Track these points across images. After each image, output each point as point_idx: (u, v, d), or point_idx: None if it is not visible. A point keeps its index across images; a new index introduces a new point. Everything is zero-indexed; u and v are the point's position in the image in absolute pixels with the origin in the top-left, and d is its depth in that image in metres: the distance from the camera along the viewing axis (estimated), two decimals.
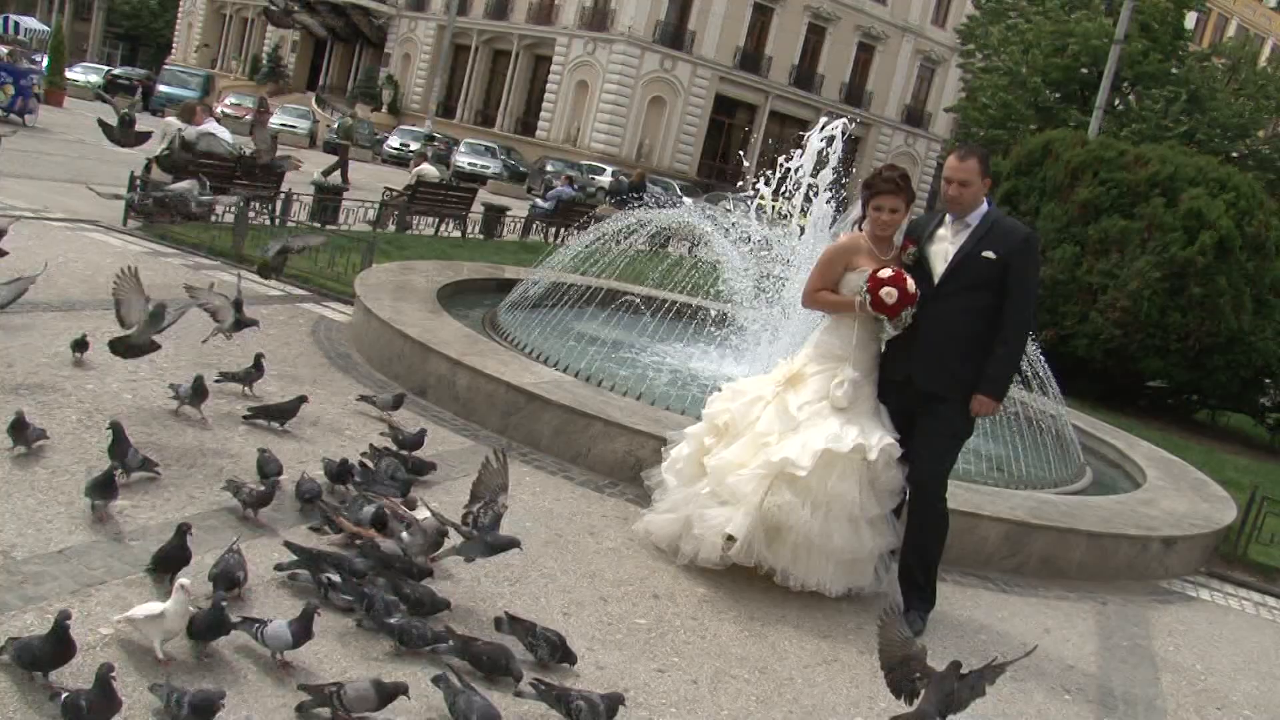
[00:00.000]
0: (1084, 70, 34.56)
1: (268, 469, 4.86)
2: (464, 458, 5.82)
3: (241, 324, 6.14)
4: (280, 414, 5.72)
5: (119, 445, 4.50)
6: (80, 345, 6.11)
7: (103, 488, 4.15)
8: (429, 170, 19.59)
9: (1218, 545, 7.42)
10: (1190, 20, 39.98)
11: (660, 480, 5.40)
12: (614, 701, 3.45)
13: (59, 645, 3.03)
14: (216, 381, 6.05)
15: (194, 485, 4.70)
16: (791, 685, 4.20)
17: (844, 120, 8.89)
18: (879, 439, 4.86)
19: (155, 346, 5.55)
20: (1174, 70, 35.02)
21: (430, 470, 5.53)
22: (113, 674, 2.85)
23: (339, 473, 5.04)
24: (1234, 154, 33.52)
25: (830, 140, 8.70)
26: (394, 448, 5.56)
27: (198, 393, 5.61)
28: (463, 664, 3.64)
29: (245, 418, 5.72)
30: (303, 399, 5.80)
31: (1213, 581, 7.12)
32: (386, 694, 3.23)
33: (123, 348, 5.50)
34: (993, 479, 7.35)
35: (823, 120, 8.94)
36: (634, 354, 9.03)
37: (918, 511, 5.05)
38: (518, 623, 3.89)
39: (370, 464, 5.29)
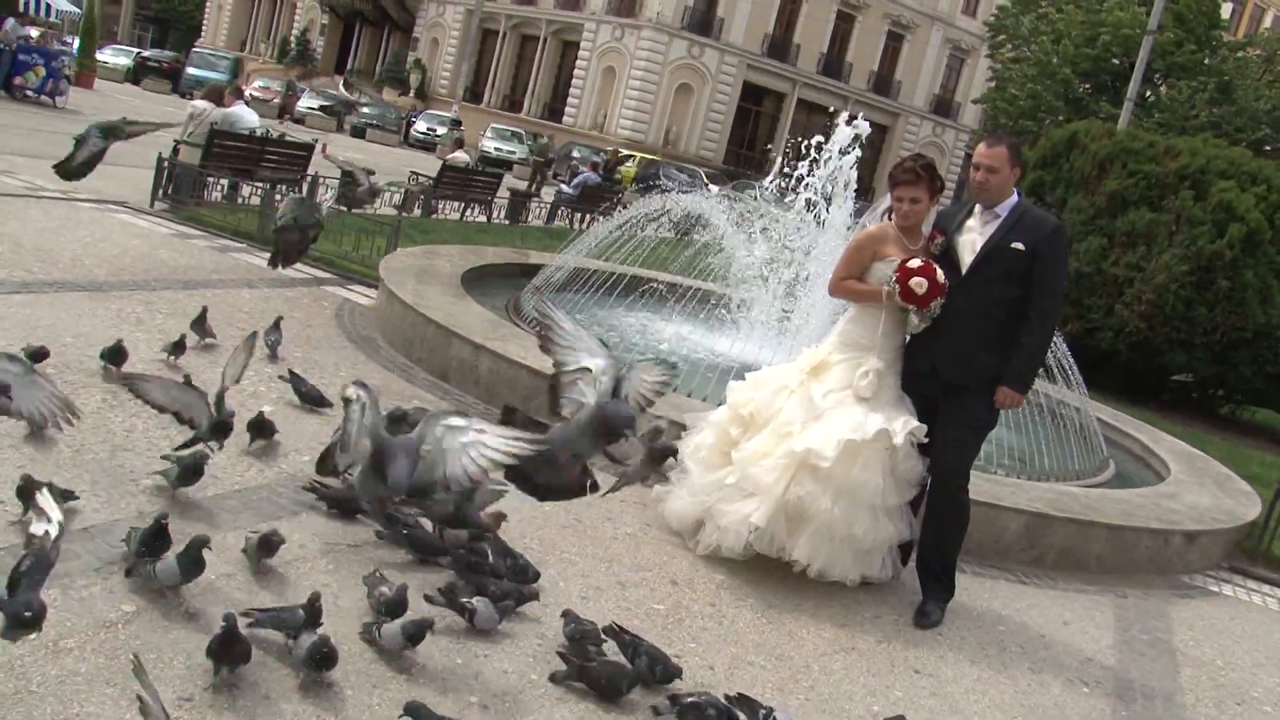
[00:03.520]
0: (1115, 61, 34.30)
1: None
2: None
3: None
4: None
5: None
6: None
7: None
8: (459, 155, 19.71)
9: (1240, 540, 7.36)
10: (1226, 10, 39.53)
11: (680, 465, 5.40)
12: None
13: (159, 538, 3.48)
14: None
15: (218, 467, 4.72)
16: (808, 673, 4.21)
17: (865, 122, 8.82)
18: (904, 423, 4.85)
19: None
20: (1206, 61, 34.65)
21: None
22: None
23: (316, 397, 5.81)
24: (1266, 146, 33.13)
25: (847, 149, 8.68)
26: None
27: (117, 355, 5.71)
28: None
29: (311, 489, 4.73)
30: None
31: (1235, 577, 7.07)
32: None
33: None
34: (1013, 469, 7.32)
35: (841, 120, 8.84)
36: (656, 339, 9.03)
37: (938, 502, 5.03)
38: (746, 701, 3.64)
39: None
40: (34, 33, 23.31)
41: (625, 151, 40.68)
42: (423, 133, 42.06)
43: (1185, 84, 33.56)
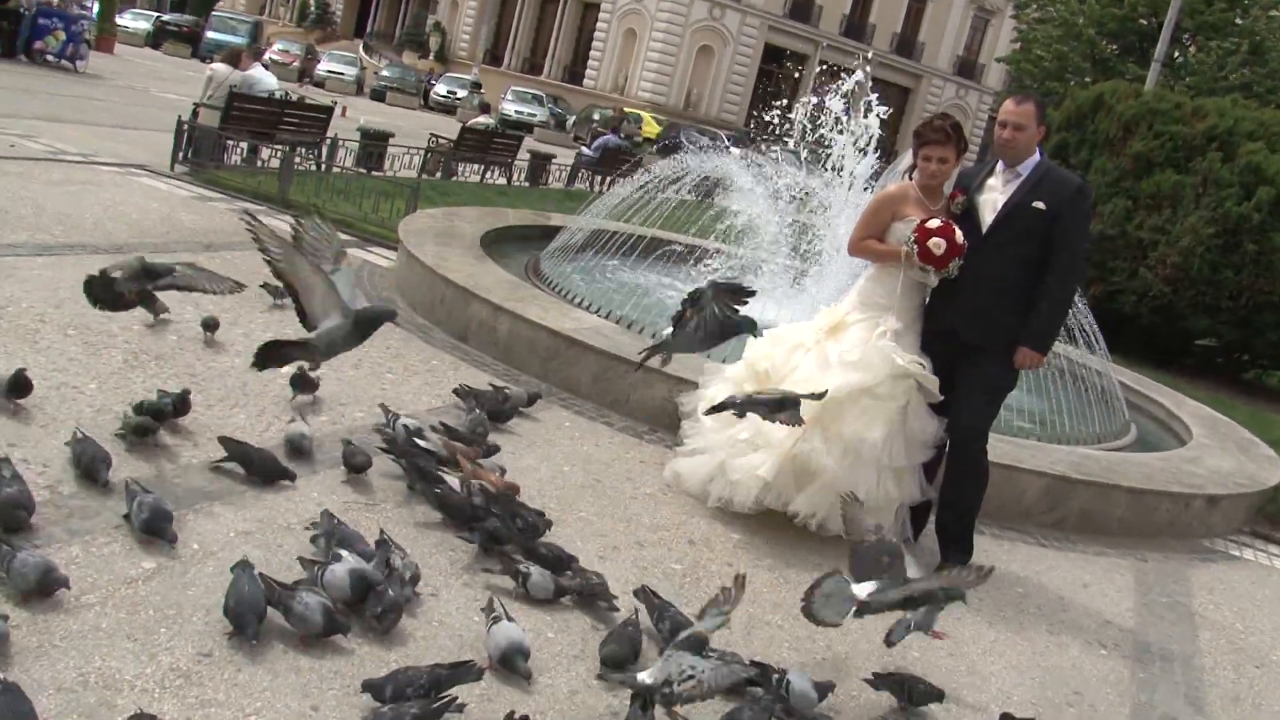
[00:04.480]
0: (1143, 21, 33.71)
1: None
2: None
3: None
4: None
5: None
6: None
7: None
8: (483, 119, 19.76)
9: (1263, 505, 7.32)
10: None
11: (694, 416, 5.39)
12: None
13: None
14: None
15: (235, 426, 4.75)
16: (824, 633, 4.20)
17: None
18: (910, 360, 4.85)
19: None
20: (1238, 20, 34.00)
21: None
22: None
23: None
24: None
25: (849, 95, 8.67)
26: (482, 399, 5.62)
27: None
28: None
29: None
30: None
31: (1257, 541, 7.04)
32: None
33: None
34: (1034, 433, 7.29)
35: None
36: (675, 301, 8.99)
37: (956, 463, 5.02)
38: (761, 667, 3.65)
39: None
40: None
41: (629, 110, 40.40)
42: (443, 96, 42.05)
43: (1216, 45, 32.94)
